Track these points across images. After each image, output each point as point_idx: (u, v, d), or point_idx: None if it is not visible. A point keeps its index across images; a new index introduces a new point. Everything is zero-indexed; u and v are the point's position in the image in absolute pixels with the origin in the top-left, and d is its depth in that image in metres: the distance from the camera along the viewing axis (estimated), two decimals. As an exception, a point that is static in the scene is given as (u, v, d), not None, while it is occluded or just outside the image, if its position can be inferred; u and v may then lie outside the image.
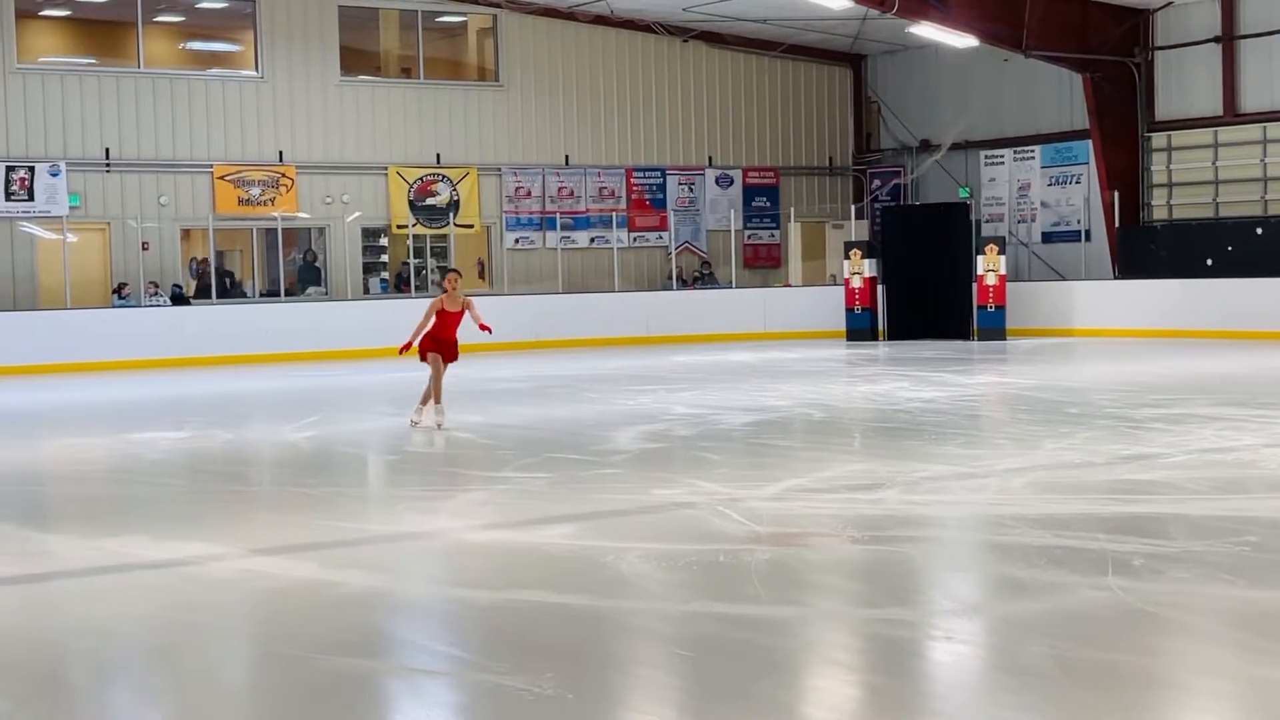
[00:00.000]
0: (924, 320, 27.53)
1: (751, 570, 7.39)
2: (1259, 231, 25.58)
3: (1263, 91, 26.45)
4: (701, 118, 31.62)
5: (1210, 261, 25.91)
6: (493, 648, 6.17)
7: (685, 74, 31.42)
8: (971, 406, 16.03)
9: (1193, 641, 6.16)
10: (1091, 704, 5.19)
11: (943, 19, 26.13)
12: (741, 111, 32.04)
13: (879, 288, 27.98)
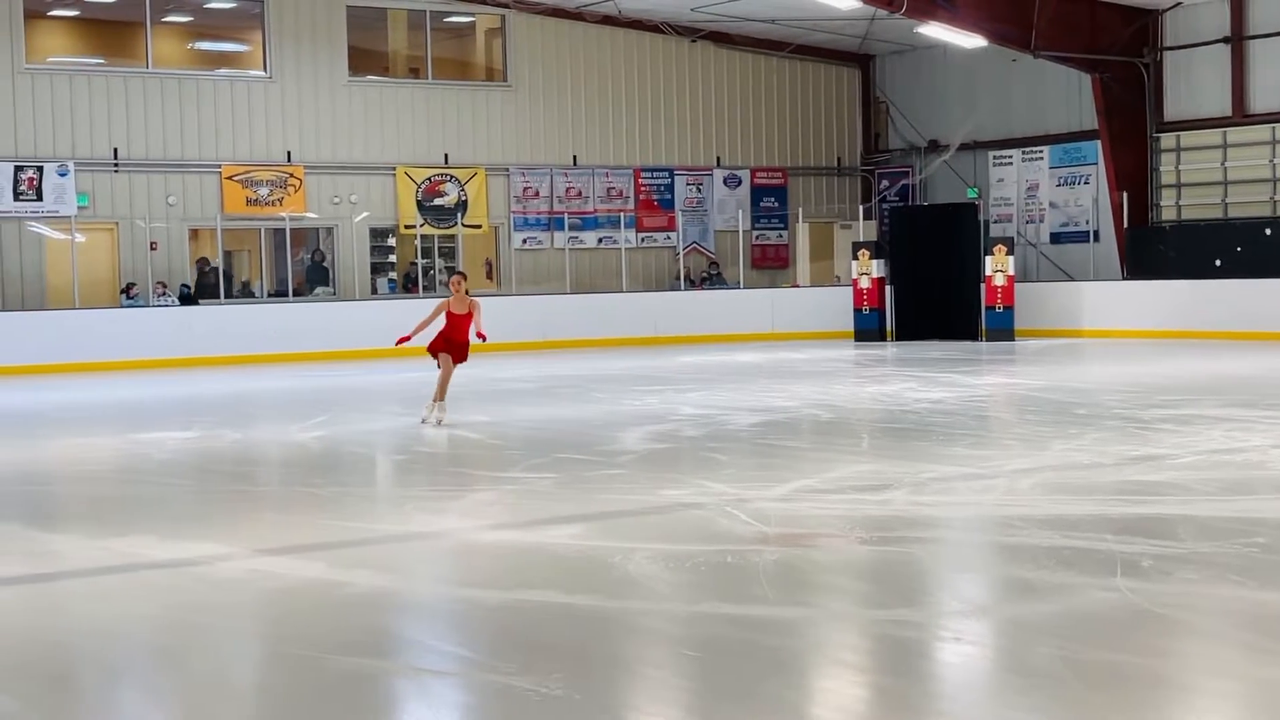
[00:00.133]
0: (932, 321, 27.51)
1: (759, 571, 7.39)
2: (1268, 232, 25.53)
3: (1272, 92, 26.39)
4: (709, 118, 31.61)
5: (1219, 262, 25.88)
6: (500, 648, 6.17)
7: (693, 74, 31.41)
8: (979, 407, 16.01)
9: (1201, 643, 6.15)
10: (1100, 705, 5.19)
11: (951, 19, 26.10)
12: (749, 112, 32.02)
13: (887, 288, 27.96)
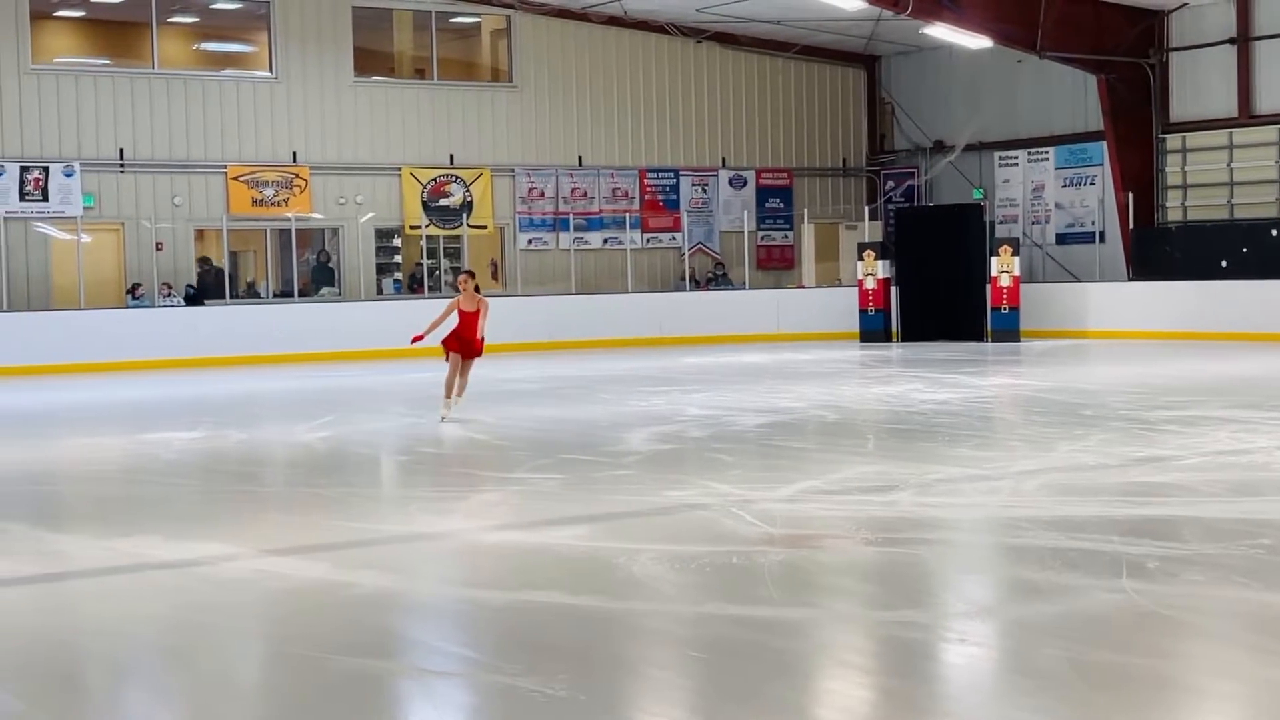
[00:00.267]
0: (937, 322, 27.50)
1: (764, 572, 7.38)
2: (1274, 233, 25.50)
3: (1278, 93, 26.35)
4: (715, 119, 31.61)
5: (1225, 263, 25.85)
6: (505, 649, 6.17)
7: (699, 75, 31.41)
8: (985, 408, 16.01)
9: (1206, 644, 6.15)
10: (1105, 706, 5.18)
11: (957, 20, 26.09)
12: (755, 112, 32.02)
13: (893, 289, 27.95)
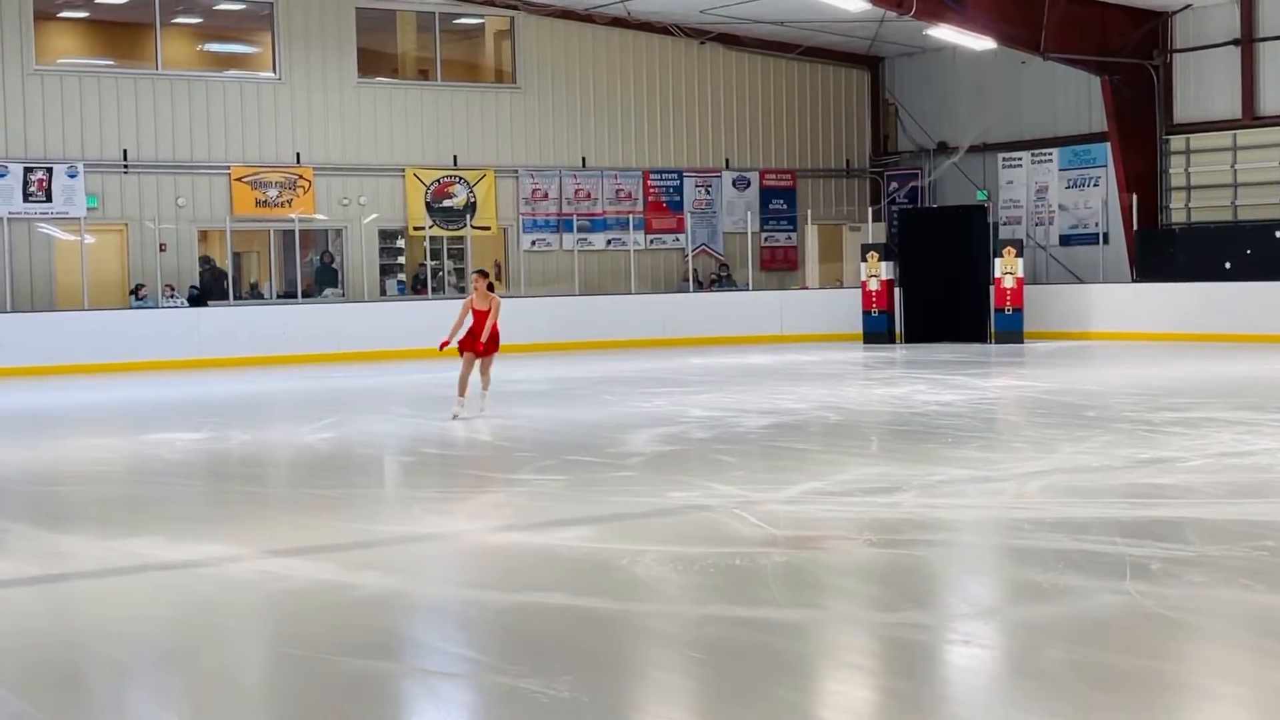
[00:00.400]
0: (941, 323, 27.49)
1: (768, 573, 7.38)
2: (1278, 235, 25.48)
3: (1282, 94, 26.38)
4: (718, 120, 31.61)
5: (1228, 265, 25.82)
6: (509, 650, 6.17)
7: (702, 76, 31.40)
8: (988, 410, 16.00)
9: (1210, 646, 6.14)
10: (1108, 708, 5.18)
11: (960, 21, 26.08)
12: (759, 114, 32.01)
13: (896, 290, 27.95)
